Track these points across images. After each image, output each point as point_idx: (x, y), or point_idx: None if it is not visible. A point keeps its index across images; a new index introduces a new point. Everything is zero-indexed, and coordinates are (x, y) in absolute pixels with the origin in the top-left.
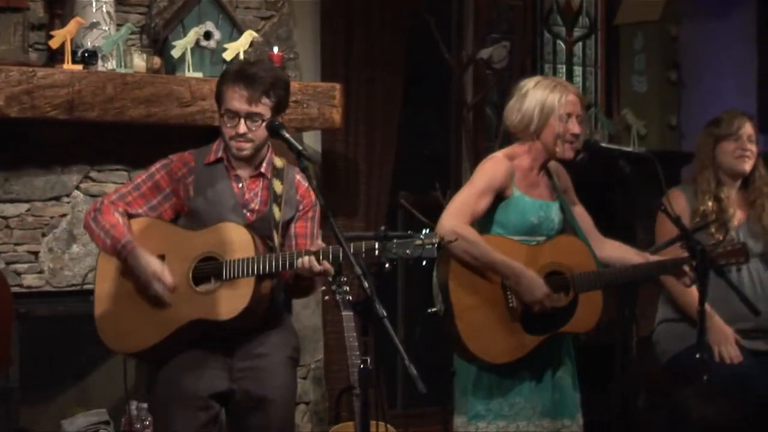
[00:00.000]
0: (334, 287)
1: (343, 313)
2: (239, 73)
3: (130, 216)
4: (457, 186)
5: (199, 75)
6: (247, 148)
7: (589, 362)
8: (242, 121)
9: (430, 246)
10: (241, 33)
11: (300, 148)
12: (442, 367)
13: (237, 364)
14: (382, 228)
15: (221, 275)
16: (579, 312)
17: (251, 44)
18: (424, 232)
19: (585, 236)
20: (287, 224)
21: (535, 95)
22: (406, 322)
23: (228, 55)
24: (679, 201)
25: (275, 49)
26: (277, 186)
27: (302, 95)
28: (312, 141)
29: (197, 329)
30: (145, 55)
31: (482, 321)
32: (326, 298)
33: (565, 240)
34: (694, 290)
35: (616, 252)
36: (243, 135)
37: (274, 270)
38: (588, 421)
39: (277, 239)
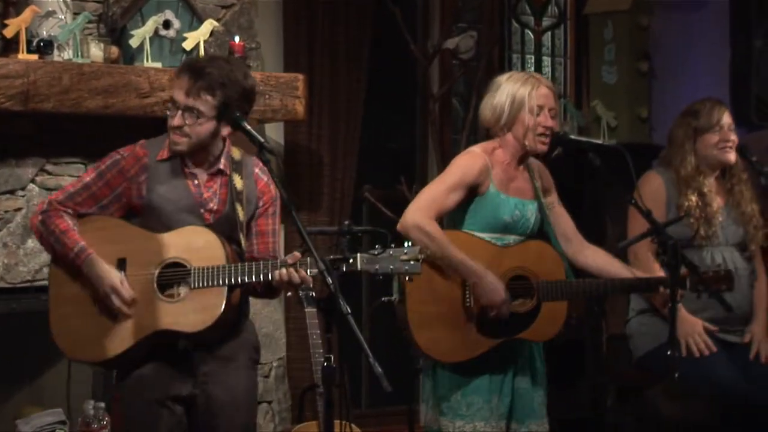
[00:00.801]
0: None
1: (306, 310)
2: (189, 63)
3: (80, 216)
4: (422, 179)
5: (158, 65)
6: (182, 143)
7: (558, 360)
8: (179, 113)
9: (416, 262)
10: (201, 22)
11: (262, 140)
12: (407, 365)
13: (200, 368)
14: (346, 223)
15: (189, 283)
16: (540, 320)
17: (212, 33)
18: (406, 245)
19: (558, 243)
20: (248, 222)
21: (507, 88)
22: (371, 320)
23: (188, 45)
24: (654, 183)
25: (236, 39)
26: (238, 181)
27: (264, 86)
28: (274, 133)
29: (163, 339)
30: (102, 45)
31: (434, 317)
32: (288, 294)
33: (535, 245)
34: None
35: (595, 260)
36: (178, 128)
37: (248, 281)
38: (558, 419)
39: (243, 241)
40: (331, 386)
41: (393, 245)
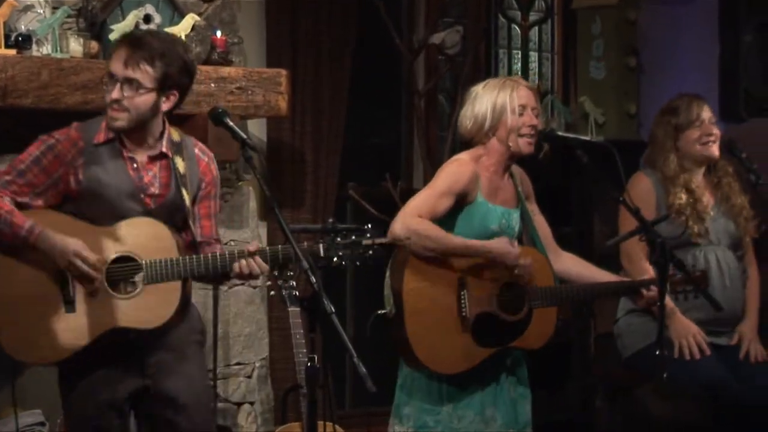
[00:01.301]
0: (280, 282)
1: (290, 309)
2: (127, 35)
3: (19, 208)
4: (408, 177)
5: None
6: (121, 118)
7: (546, 360)
8: (117, 86)
9: (378, 247)
10: (182, 16)
11: (244, 136)
12: (392, 365)
13: (149, 359)
14: (330, 220)
15: (142, 278)
16: (532, 327)
17: (193, 28)
18: (367, 226)
19: (544, 249)
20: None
21: (486, 96)
22: (355, 319)
23: None
24: (644, 184)
25: (218, 34)
26: (180, 164)
27: (247, 82)
28: (257, 129)
29: (117, 337)
30: (81, 40)
31: (432, 328)
32: (272, 293)
33: (525, 251)
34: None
35: (573, 266)
36: (117, 101)
37: (204, 274)
38: (546, 421)
39: (193, 227)
40: (314, 387)
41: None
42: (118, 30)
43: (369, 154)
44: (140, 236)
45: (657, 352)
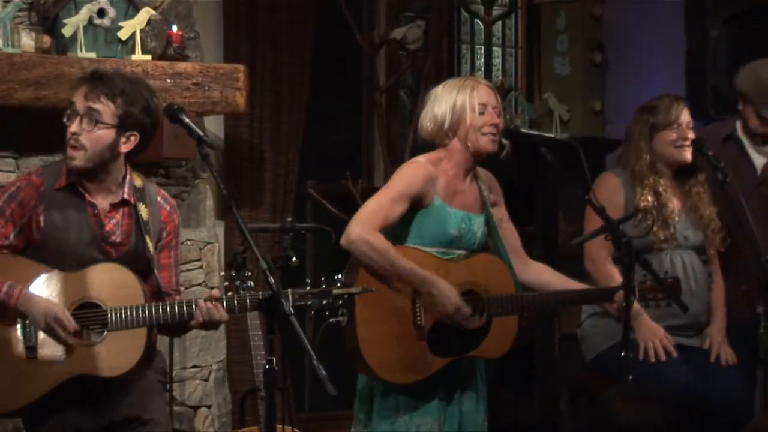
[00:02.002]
0: (237, 282)
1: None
2: (92, 70)
3: None
4: (369, 174)
5: (93, 55)
6: (78, 157)
7: (510, 362)
8: (77, 119)
9: (350, 297)
10: (137, 10)
11: (201, 133)
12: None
13: (114, 400)
14: (289, 219)
15: (106, 325)
16: (491, 336)
17: (148, 22)
18: (338, 277)
19: (508, 257)
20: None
21: (446, 96)
22: (315, 321)
23: (123, 34)
24: (612, 184)
25: (174, 28)
26: (143, 211)
27: (203, 77)
28: (214, 126)
29: (79, 385)
30: (34, 34)
31: (385, 336)
32: (229, 294)
33: (484, 258)
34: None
35: (542, 276)
36: (75, 136)
37: (169, 321)
38: (510, 423)
39: (159, 275)
40: (273, 390)
41: (324, 279)
42: (71, 24)
43: (329, 151)
44: (105, 283)
45: (622, 354)
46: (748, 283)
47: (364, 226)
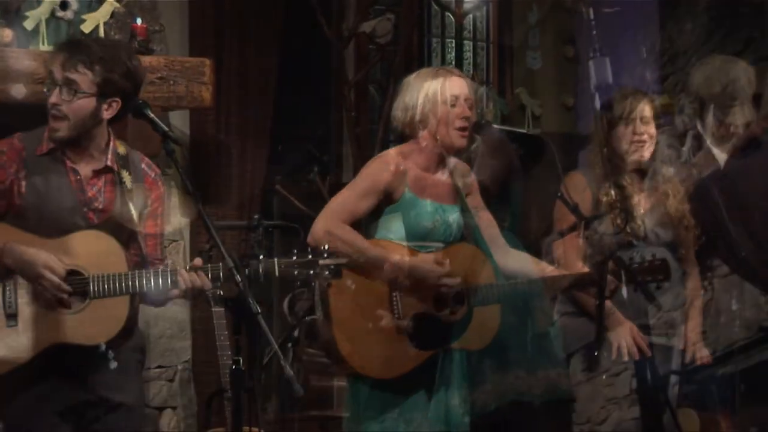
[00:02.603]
0: None
1: (214, 309)
2: (68, 38)
3: None
4: (338, 170)
5: None
6: (61, 128)
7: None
8: (57, 89)
9: (336, 267)
10: (101, 3)
11: (166, 129)
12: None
13: (92, 375)
14: (256, 217)
15: (88, 293)
16: (473, 327)
17: (112, 15)
18: (324, 247)
19: (487, 247)
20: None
21: (417, 85)
22: (283, 319)
23: (86, 27)
24: (579, 183)
25: (138, 21)
26: (127, 179)
27: (168, 71)
28: (179, 121)
29: (60, 353)
30: None
31: (364, 333)
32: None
33: (461, 249)
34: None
35: (522, 264)
36: (56, 107)
37: (153, 290)
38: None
39: (143, 244)
40: (239, 390)
41: (311, 249)
42: (33, 17)
43: (297, 147)
44: (88, 250)
45: (596, 353)
46: None
47: (329, 221)
